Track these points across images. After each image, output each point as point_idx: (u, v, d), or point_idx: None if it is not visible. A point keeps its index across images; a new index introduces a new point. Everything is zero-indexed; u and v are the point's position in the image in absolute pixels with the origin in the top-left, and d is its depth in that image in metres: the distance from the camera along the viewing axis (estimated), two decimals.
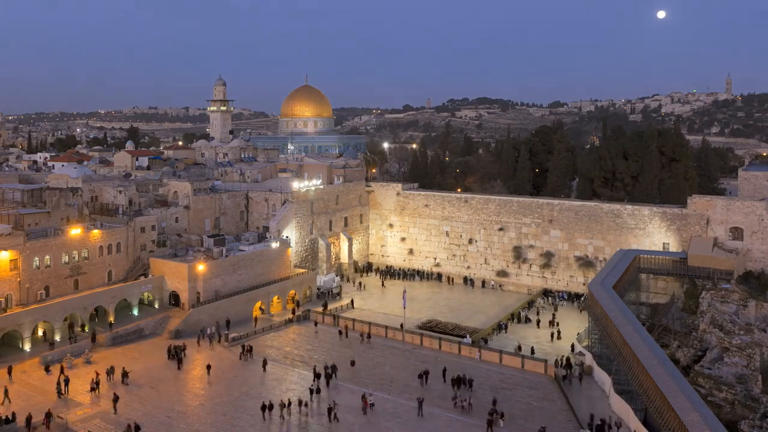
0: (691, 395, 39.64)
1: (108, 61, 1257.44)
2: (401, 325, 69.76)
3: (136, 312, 70.70)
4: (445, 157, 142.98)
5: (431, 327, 73.58)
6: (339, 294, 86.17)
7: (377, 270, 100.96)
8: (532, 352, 63.75)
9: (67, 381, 53.74)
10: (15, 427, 46.31)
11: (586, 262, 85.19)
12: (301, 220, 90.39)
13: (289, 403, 49.97)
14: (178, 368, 58.88)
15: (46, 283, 68.33)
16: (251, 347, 63.52)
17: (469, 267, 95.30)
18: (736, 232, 74.10)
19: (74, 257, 71.00)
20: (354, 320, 72.19)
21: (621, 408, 48.83)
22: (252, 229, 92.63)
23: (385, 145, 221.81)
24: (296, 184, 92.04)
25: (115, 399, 50.41)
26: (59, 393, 52.27)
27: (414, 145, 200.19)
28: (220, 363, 60.88)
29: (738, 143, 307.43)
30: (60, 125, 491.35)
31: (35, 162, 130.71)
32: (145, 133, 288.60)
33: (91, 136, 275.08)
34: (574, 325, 72.43)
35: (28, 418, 46.60)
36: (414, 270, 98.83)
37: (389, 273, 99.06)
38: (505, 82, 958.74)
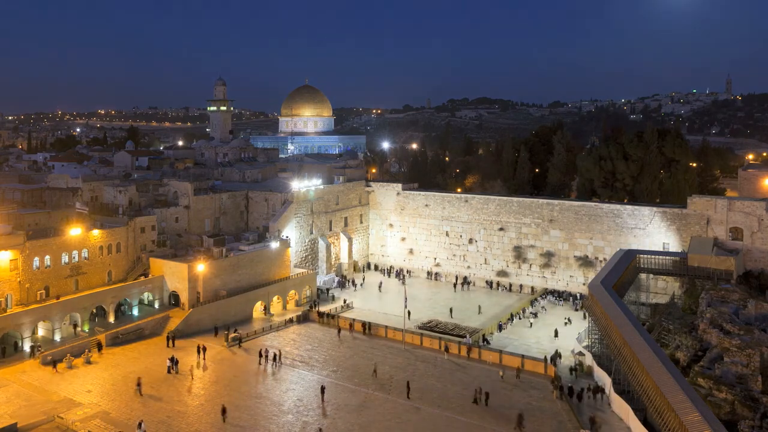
0: (691, 395, 39.63)
1: (108, 60, 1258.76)
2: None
3: (136, 312, 70.73)
4: (445, 157, 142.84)
5: (431, 327, 73.64)
6: (331, 295, 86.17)
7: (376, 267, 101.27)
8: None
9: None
10: (15, 427, 46.31)
11: (586, 262, 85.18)
12: (301, 220, 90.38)
13: None
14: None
15: (46, 283, 68.30)
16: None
17: (469, 267, 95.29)
18: (736, 232, 74.03)
19: (74, 257, 71.00)
20: (353, 320, 72.36)
21: (621, 408, 48.85)
22: (252, 229, 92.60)
23: (385, 145, 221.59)
24: (296, 184, 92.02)
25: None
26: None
27: (414, 145, 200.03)
28: (221, 363, 60.97)
29: (738, 143, 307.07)
30: (60, 125, 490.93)
31: (35, 162, 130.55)
32: (145, 133, 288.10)
33: (91, 136, 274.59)
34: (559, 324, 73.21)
35: None
36: (413, 269, 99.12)
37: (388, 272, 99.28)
38: (505, 82, 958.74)
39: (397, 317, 73.77)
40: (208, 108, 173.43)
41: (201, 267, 71.68)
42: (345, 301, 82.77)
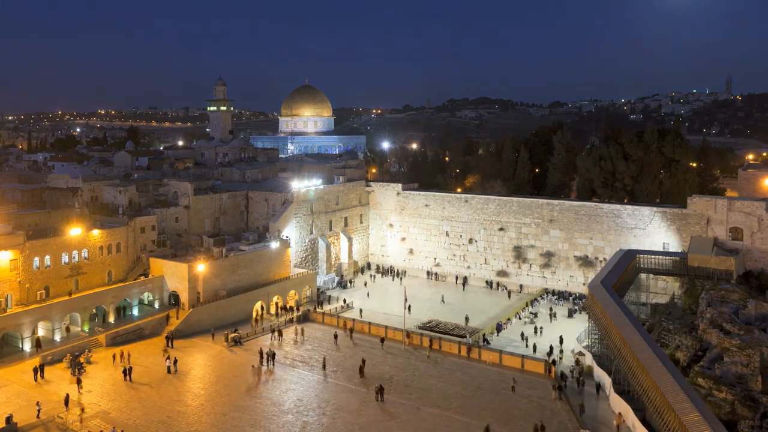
0: (691, 395, 39.62)
1: (108, 60, 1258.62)
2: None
3: (136, 312, 70.72)
4: (445, 157, 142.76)
5: (431, 327, 73.64)
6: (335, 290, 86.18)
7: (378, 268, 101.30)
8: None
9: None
10: (15, 427, 46.30)
11: (586, 262, 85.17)
12: (301, 220, 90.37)
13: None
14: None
15: (46, 283, 68.29)
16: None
17: (469, 267, 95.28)
18: (736, 232, 74.04)
19: (74, 257, 70.98)
20: (354, 320, 72.40)
21: (621, 408, 48.84)
22: (252, 229, 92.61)
23: (385, 145, 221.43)
24: (296, 184, 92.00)
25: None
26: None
27: (414, 145, 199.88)
28: (221, 363, 60.97)
29: (738, 143, 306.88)
30: (60, 125, 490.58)
31: (35, 162, 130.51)
32: (145, 133, 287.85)
33: (91, 136, 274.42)
34: (560, 326, 73.25)
35: None
36: (414, 269, 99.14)
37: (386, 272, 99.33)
38: (505, 82, 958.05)
39: (397, 317, 73.83)
40: (208, 108, 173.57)
41: (201, 267, 71.69)
42: (345, 301, 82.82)
